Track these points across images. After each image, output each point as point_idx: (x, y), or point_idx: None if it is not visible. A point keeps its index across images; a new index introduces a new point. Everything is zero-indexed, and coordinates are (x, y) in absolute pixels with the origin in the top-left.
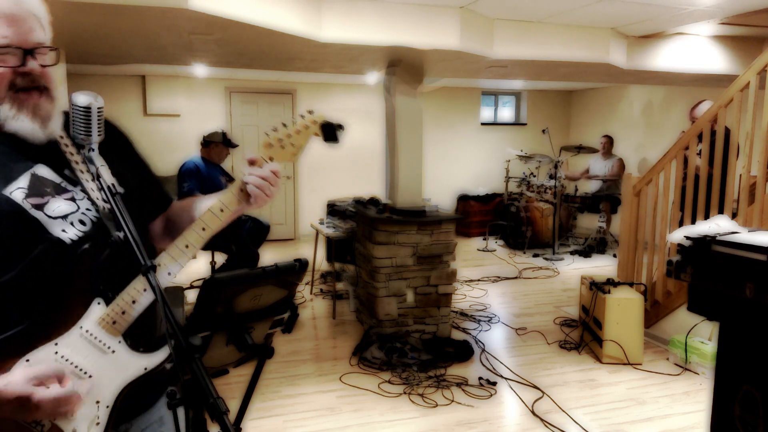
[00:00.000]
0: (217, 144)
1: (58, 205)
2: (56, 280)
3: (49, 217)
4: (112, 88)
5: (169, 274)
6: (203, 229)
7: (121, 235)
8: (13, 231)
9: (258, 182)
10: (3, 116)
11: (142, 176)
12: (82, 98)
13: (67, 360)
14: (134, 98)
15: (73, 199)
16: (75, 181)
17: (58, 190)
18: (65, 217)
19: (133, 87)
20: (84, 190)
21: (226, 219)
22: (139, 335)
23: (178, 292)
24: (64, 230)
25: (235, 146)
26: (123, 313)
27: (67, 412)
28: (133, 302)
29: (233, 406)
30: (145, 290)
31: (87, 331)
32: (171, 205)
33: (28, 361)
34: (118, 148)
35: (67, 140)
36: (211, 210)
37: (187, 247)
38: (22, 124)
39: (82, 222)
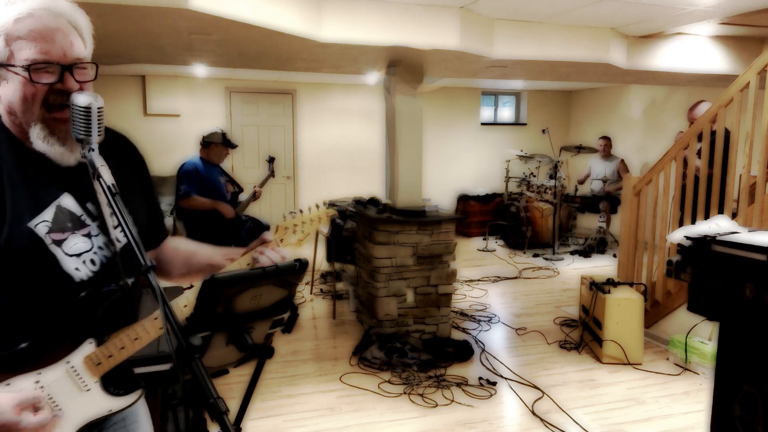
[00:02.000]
0: (217, 144)
1: (75, 243)
2: (58, 315)
3: (66, 254)
4: (112, 88)
5: (185, 305)
6: None
7: (130, 281)
8: (29, 264)
9: (268, 264)
10: (34, 136)
11: (148, 208)
12: (82, 98)
13: (44, 390)
14: (134, 98)
15: (89, 235)
16: (95, 216)
17: (78, 225)
18: (80, 255)
19: (133, 87)
20: (101, 226)
21: None
22: (117, 376)
23: (177, 291)
24: (77, 268)
25: (234, 146)
26: (110, 356)
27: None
28: (122, 348)
29: (233, 406)
30: (136, 339)
31: (72, 367)
32: (165, 242)
33: (8, 384)
34: (136, 177)
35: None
36: None
37: (185, 306)
38: (51, 148)
39: (93, 262)
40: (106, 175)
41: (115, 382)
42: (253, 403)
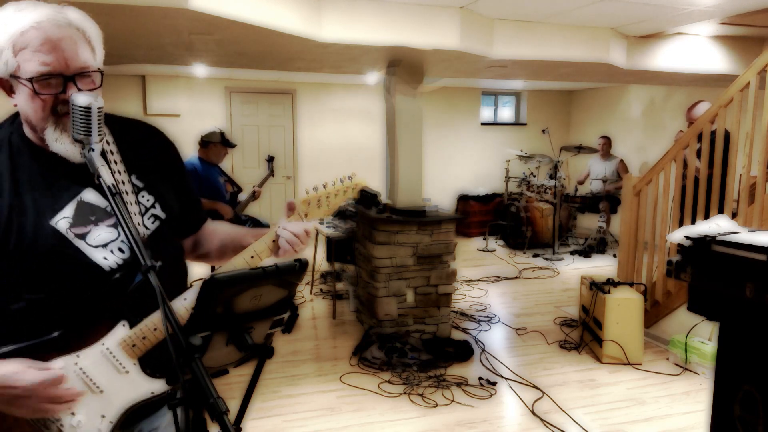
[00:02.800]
0: (215, 144)
1: (99, 234)
2: (89, 302)
3: (90, 245)
4: (112, 88)
5: (185, 299)
6: None
7: (158, 264)
8: (55, 261)
9: (290, 239)
10: (48, 138)
11: (180, 194)
12: (81, 98)
13: (84, 372)
14: (134, 98)
15: (115, 225)
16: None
17: (102, 217)
18: (106, 245)
19: (133, 87)
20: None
21: (256, 264)
22: (154, 360)
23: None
24: (105, 257)
25: (233, 146)
26: (144, 338)
27: (61, 401)
28: (155, 329)
29: (233, 406)
30: (160, 309)
31: (108, 349)
32: (204, 225)
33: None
34: (163, 161)
35: (117, 156)
36: (242, 256)
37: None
38: (63, 146)
39: (121, 250)
40: (106, 175)
41: (152, 364)
42: (253, 403)
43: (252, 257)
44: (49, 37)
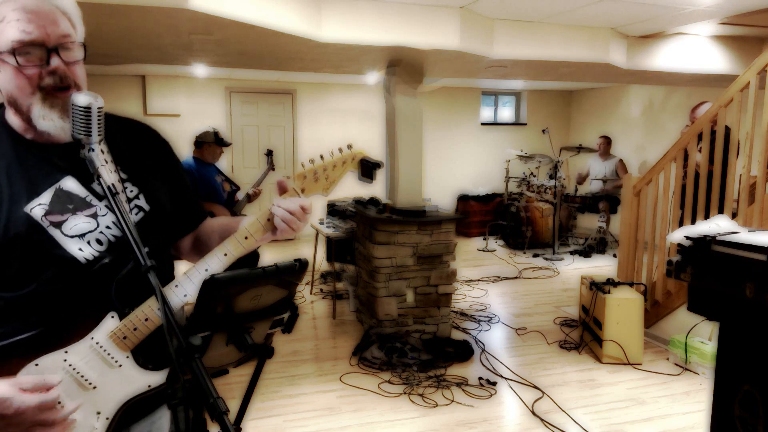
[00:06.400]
0: (209, 144)
1: (75, 223)
2: (72, 296)
3: (66, 235)
4: (112, 88)
5: (185, 295)
6: (225, 254)
7: (145, 250)
8: (30, 249)
9: (285, 216)
10: (35, 116)
11: (175, 191)
12: (82, 98)
13: (74, 368)
14: (134, 98)
15: (94, 216)
16: (101, 196)
17: (81, 206)
18: (82, 236)
19: (133, 87)
20: (108, 206)
21: (251, 246)
22: (148, 352)
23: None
24: (80, 249)
25: (228, 145)
26: (135, 329)
27: (52, 426)
28: (146, 320)
29: (233, 406)
30: (159, 309)
31: (97, 343)
32: (203, 223)
33: (37, 365)
34: (156, 159)
35: (104, 146)
36: (235, 237)
37: (206, 270)
38: (52, 123)
39: (99, 241)
40: (106, 175)
41: (148, 356)
42: (253, 403)
43: (246, 238)
44: (27, 6)
